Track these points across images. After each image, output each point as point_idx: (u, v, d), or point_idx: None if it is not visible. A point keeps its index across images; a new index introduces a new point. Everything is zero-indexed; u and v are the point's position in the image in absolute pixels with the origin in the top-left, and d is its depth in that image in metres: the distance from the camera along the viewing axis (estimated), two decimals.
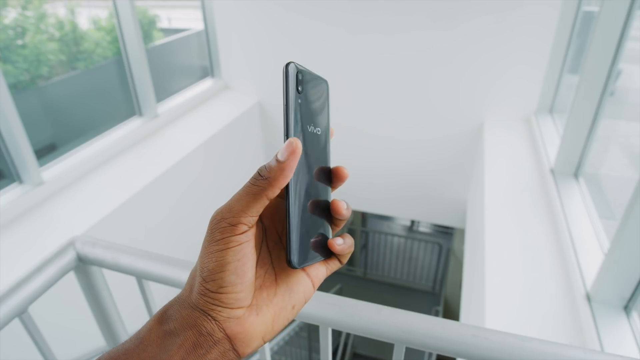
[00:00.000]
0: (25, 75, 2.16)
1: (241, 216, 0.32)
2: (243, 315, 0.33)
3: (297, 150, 0.32)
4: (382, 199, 3.63)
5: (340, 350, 5.07)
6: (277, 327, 0.35)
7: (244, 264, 0.32)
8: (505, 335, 0.62)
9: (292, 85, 0.34)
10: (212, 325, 0.31)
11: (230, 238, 0.32)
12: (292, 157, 0.32)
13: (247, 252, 0.33)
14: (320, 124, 0.37)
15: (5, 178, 1.94)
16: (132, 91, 2.62)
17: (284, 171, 0.32)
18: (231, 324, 0.32)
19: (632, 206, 1.13)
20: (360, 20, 2.90)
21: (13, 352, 1.42)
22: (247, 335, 0.33)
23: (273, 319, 0.35)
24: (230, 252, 0.32)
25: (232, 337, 0.32)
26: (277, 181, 0.32)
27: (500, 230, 1.81)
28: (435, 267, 6.10)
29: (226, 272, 0.32)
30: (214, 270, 0.32)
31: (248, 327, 0.33)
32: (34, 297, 0.81)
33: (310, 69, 0.37)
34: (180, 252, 2.62)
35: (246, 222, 0.32)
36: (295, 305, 0.36)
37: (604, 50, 1.67)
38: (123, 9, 2.39)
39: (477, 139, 2.96)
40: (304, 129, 0.35)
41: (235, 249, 0.32)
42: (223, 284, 0.32)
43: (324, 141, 0.38)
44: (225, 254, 0.32)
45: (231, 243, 0.32)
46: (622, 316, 1.22)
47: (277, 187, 0.32)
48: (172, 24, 3.77)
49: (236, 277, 0.32)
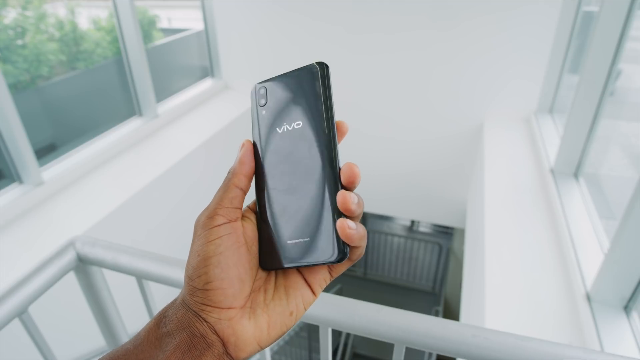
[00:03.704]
0: (25, 75, 2.16)
1: (217, 208, 0.34)
2: (235, 318, 0.32)
3: (247, 145, 0.37)
4: (383, 199, 3.63)
5: (340, 350, 5.07)
6: (273, 334, 0.34)
7: (226, 257, 0.33)
8: (505, 335, 0.62)
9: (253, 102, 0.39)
10: (204, 327, 0.31)
11: (209, 231, 0.33)
12: (243, 150, 0.37)
13: (229, 246, 0.33)
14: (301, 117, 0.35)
15: (5, 178, 1.94)
16: (132, 91, 2.62)
17: (239, 161, 0.37)
18: (223, 325, 0.32)
19: (632, 206, 1.13)
20: (361, 20, 2.90)
21: (13, 352, 1.42)
22: (239, 338, 0.32)
23: (268, 324, 0.34)
24: (211, 246, 0.33)
25: (224, 340, 0.32)
26: (237, 170, 0.36)
27: (500, 230, 1.81)
28: (435, 267, 6.10)
29: (209, 266, 0.32)
30: (197, 266, 0.32)
31: (240, 330, 0.32)
32: (34, 297, 0.81)
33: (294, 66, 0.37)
34: (181, 252, 2.62)
35: (222, 212, 0.34)
36: (293, 312, 0.35)
37: (604, 50, 1.67)
38: (123, 9, 2.39)
39: (477, 139, 2.96)
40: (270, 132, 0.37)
41: (215, 242, 0.33)
42: (208, 279, 0.32)
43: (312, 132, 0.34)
44: (206, 247, 0.33)
45: (211, 236, 0.33)
46: (622, 316, 1.22)
47: (241, 174, 0.36)
48: (172, 24, 3.77)
49: (220, 271, 0.32)
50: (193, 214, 1.49)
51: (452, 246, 5.86)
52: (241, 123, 3.22)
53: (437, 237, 6.81)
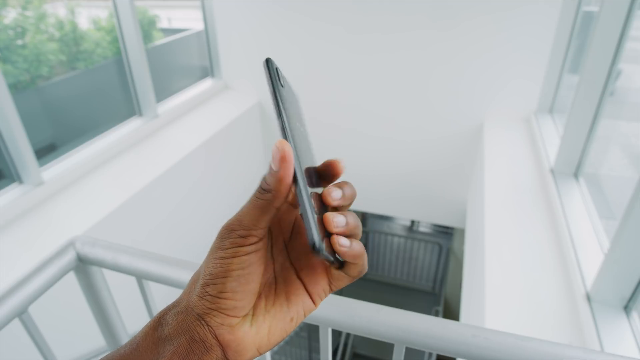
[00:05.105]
0: (25, 75, 2.16)
1: (252, 229, 0.32)
2: (237, 324, 0.32)
3: (287, 156, 0.30)
4: (382, 199, 3.63)
5: (340, 350, 5.07)
6: (273, 339, 0.34)
7: (248, 273, 0.32)
8: (505, 335, 0.62)
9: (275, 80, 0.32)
10: (204, 331, 0.31)
11: (239, 248, 0.32)
12: (284, 165, 0.30)
13: (253, 262, 0.32)
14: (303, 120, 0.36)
15: (5, 178, 1.94)
16: (132, 91, 2.62)
17: (282, 180, 0.31)
18: (224, 331, 0.32)
19: (632, 206, 1.13)
20: (360, 20, 2.90)
21: (13, 352, 1.42)
22: (239, 344, 0.32)
23: (269, 330, 0.34)
24: (236, 261, 0.32)
25: (224, 345, 0.32)
26: (279, 192, 0.31)
27: (500, 230, 1.81)
28: (435, 267, 6.10)
29: (229, 278, 0.32)
30: (217, 275, 0.32)
31: (241, 336, 0.32)
32: (34, 297, 0.81)
33: None
34: (181, 252, 2.62)
35: (257, 234, 0.33)
36: (293, 318, 0.35)
37: (604, 50, 1.67)
38: (123, 9, 2.39)
39: (477, 139, 2.96)
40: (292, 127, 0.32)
41: (242, 258, 0.32)
42: (224, 289, 0.32)
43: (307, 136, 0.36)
44: (231, 261, 0.32)
45: (239, 252, 0.32)
46: (622, 316, 1.22)
47: (281, 197, 0.32)
48: (172, 24, 3.77)
49: (238, 285, 0.32)
50: (193, 214, 1.49)
51: (452, 246, 5.86)
52: (241, 123, 3.22)
53: (437, 237, 6.81)
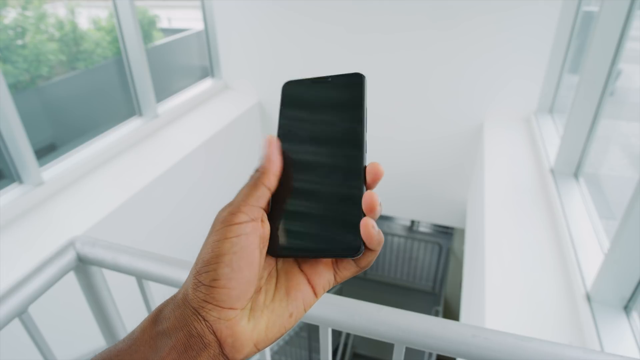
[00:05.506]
0: (25, 75, 2.16)
1: (241, 205, 0.33)
2: (234, 319, 0.32)
3: (273, 141, 0.36)
4: (383, 199, 3.57)
5: (340, 350, 5.07)
6: (271, 336, 0.34)
7: (240, 257, 0.31)
8: (505, 335, 0.62)
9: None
10: (202, 326, 0.31)
11: (229, 228, 0.32)
12: (270, 146, 0.36)
13: (245, 246, 0.32)
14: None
15: (5, 178, 1.94)
16: (132, 91, 2.62)
17: (269, 159, 0.35)
18: (221, 326, 0.31)
19: (632, 206, 1.13)
20: (361, 20, 2.90)
21: (13, 352, 1.42)
22: (237, 340, 0.32)
23: (267, 326, 0.33)
24: (227, 243, 0.31)
25: (221, 341, 0.31)
26: (266, 169, 0.35)
27: (500, 230, 1.81)
28: (435, 267, 6.10)
29: (220, 263, 0.31)
30: (208, 262, 0.31)
31: (239, 331, 0.32)
32: (34, 297, 0.81)
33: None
34: (181, 252, 2.62)
35: (246, 210, 0.33)
36: (293, 314, 0.35)
37: (604, 50, 1.67)
38: (123, 9, 2.39)
39: (477, 139, 2.96)
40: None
41: (232, 240, 0.31)
42: (216, 276, 0.31)
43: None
44: (222, 244, 0.31)
45: (229, 233, 0.32)
46: (622, 316, 1.22)
47: (270, 174, 0.35)
48: (172, 24, 3.78)
49: (230, 271, 0.31)
50: (193, 214, 1.50)
51: (452, 246, 5.86)
52: (241, 123, 3.22)
53: (437, 237, 6.81)
